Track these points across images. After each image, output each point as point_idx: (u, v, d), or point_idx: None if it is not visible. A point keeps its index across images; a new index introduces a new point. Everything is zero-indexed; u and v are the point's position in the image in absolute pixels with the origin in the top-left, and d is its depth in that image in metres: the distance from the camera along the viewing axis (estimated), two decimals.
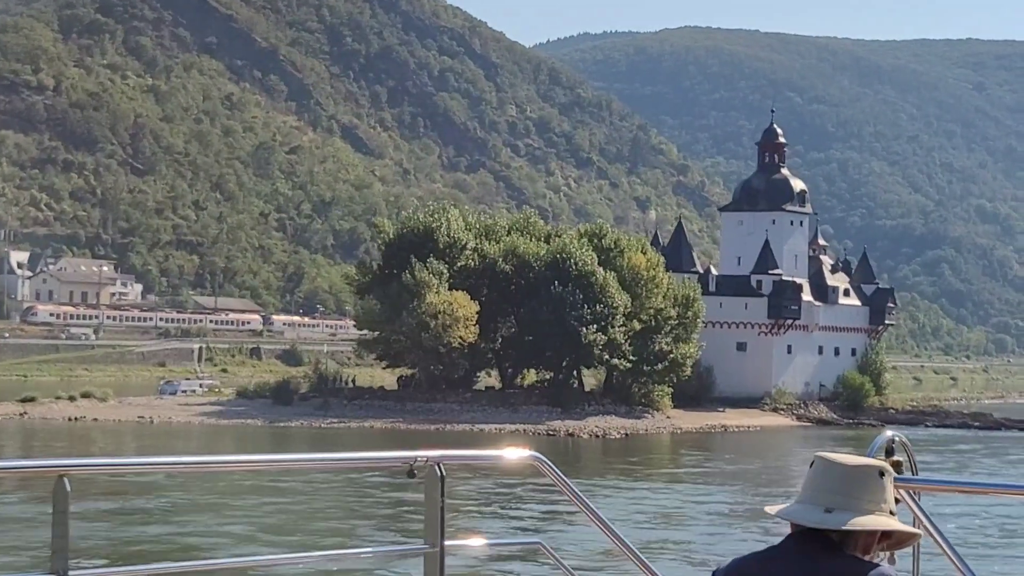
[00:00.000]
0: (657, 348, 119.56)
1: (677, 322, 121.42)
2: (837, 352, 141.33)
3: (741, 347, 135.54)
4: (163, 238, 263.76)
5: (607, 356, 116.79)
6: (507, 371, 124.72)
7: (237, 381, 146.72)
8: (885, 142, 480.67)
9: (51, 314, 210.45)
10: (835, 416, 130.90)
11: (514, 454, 6.52)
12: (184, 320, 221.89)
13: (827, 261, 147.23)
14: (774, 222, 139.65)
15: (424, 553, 6.09)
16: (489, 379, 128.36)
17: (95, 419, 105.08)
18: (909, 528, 4.83)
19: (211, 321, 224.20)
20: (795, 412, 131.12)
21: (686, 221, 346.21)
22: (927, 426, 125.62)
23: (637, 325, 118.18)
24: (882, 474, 4.66)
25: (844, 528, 4.55)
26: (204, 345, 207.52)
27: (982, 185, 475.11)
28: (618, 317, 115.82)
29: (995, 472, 72.44)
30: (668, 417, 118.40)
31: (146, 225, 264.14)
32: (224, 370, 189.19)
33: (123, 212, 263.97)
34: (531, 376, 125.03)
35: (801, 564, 4.56)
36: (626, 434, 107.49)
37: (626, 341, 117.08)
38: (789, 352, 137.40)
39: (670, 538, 49.30)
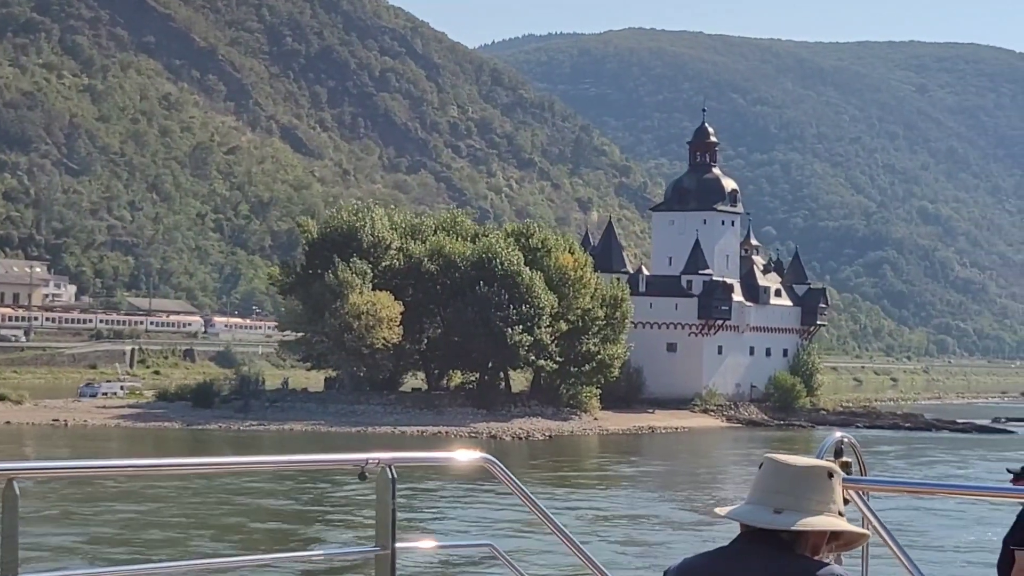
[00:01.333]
0: (584, 349, 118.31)
1: (605, 323, 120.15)
2: (768, 353, 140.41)
3: (671, 348, 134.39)
4: (98, 239, 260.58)
5: (533, 357, 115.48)
6: (433, 372, 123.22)
7: (169, 384, 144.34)
8: (827, 143, 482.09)
9: None
10: (765, 417, 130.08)
11: (465, 456, 6.49)
12: (123, 322, 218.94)
13: (759, 261, 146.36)
14: (705, 222, 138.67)
15: (375, 555, 6.07)
16: (416, 381, 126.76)
17: (7, 422, 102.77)
18: (858, 529, 4.81)
19: (152, 323, 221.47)
20: (725, 413, 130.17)
21: (628, 222, 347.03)
22: (858, 427, 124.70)
23: (564, 326, 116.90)
24: (831, 475, 4.67)
25: (794, 529, 4.58)
26: (136, 347, 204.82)
27: (924, 187, 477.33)
28: (544, 318, 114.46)
29: (899, 473, 71.77)
30: (595, 419, 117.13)
31: (80, 226, 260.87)
32: (157, 372, 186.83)
33: (57, 213, 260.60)
34: (457, 378, 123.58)
35: (751, 564, 4.58)
36: (550, 436, 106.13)
37: (553, 342, 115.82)
38: (720, 353, 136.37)
39: (614, 538, 48.91)
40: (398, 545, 6.10)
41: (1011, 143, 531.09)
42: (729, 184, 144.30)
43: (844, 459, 5.94)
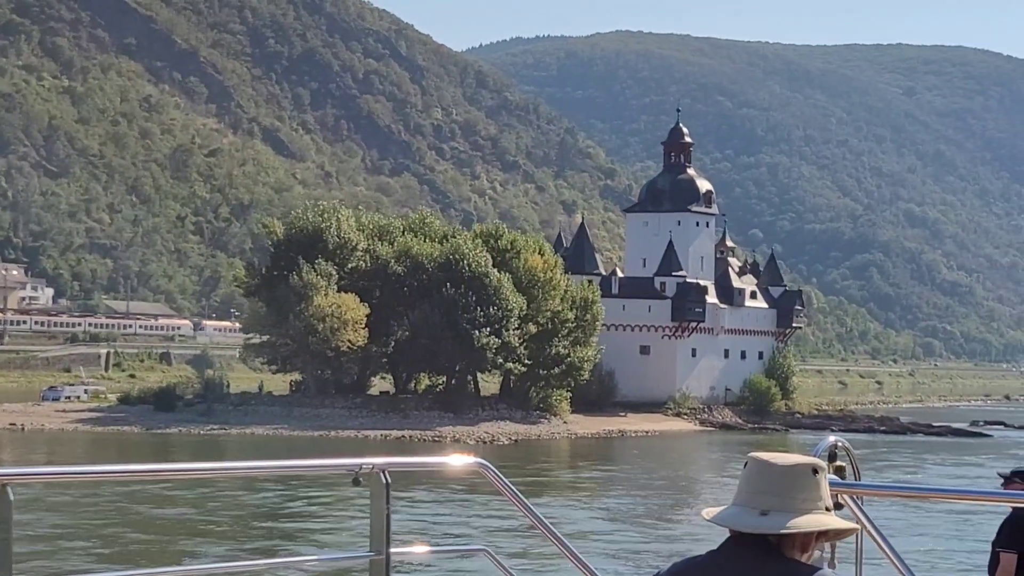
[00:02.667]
0: (554, 352, 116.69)
1: (575, 325, 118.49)
2: (743, 355, 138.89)
3: (644, 350, 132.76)
4: (76, 241, 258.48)
5: (501, 360, 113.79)
6: (401, 376, 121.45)
7: (142, 387, 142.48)
8: (815, 146, 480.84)
9: None
10: (739, 420, 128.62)
11: (460, 461, 6.48)
12: (105, 325, 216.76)
13: (734, 263, 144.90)
14: (679, 223, 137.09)
15: (370, 560, 6.08)
16: (384, 384, 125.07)
17: None
18: (846, 523, 4.71)
19: (141, 327, 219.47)
20: (699, 417, 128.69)
21: (612, 225, 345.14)
22: (832, 430, 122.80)
23: (533, 328, 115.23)
24: (816, 471, 4.56)
25: (780, 532, 4.50)
26: (112, 350, 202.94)
27: (911, 189, 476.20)
28: (513, 320, 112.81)
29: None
30: (565, 422, 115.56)
31: (58, 228, 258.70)
32: (132, 375, 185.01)
33: (35, 215, 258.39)
34: (425, 381, 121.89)
35: (740, 569, 4.50)
36: (516, 440, 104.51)
37: (521, 344, 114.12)
38: (694, 355, 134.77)
39: (603, 544, 47.95)
40: (392, 550, 6.05)
41: (998, 146, 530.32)
42: (704, 185, 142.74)
43: (838, 463, 5.86)
